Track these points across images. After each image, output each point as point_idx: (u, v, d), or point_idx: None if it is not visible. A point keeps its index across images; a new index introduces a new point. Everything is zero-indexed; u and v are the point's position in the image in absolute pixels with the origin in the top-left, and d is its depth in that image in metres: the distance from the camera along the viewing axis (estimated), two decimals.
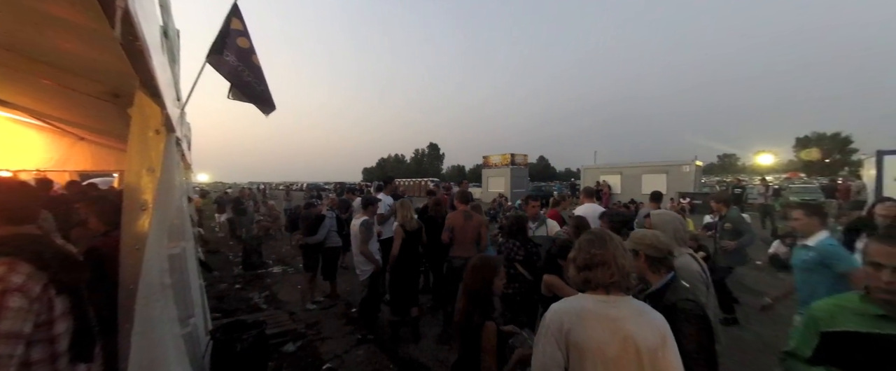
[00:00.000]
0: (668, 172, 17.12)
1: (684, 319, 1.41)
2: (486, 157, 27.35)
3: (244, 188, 16.20)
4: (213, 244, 9.13)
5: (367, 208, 3.88)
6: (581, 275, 1.31)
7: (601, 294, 1.26)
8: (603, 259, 1.26)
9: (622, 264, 1.26)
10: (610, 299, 1.24)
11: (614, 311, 1.21)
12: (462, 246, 3.66)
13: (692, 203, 12.56)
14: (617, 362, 1.16)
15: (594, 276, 1.27)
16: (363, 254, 3.67)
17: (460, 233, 3.66)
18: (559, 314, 1.25)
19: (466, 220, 3.66)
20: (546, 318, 1.27)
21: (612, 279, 1.24)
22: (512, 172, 24.30)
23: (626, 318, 1.20)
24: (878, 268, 1.22)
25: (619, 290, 1.26)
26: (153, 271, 1.50)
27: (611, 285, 1.25)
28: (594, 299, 1.25)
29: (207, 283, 5.60)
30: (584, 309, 1.23)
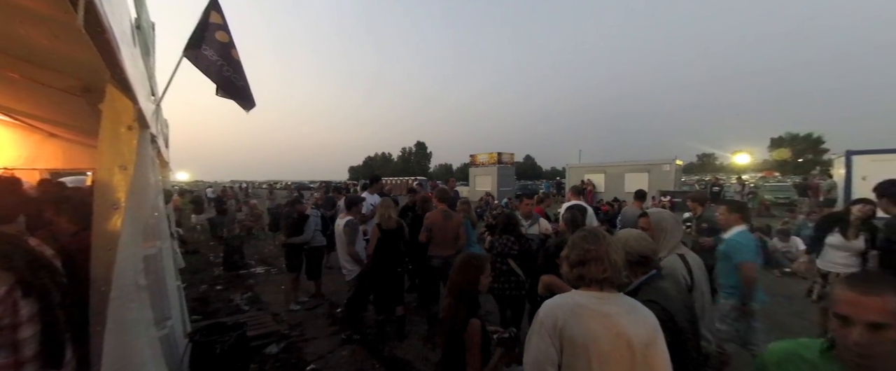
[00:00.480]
0: (649, 171, 17.54)
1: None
2: (474, 155, 27.45)
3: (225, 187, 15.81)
4: (193, 244, 8.89)
5: (351, 208, 3.84)
6: (574, 271, 1.32)
7: (595, 290, 1.28)
8: (596, 255, 1.28)
9: (615, 260, 1.28)
10: (603, 296, 1.26)
11: (607, 308, 1.23)
12: (441, 245, 3.67)
13: (672, 201, 12.90)
14: (610, 357, 1.18)
15: (588, 272, 1.29)
16: (350, 255, 3.63)
17: (439, 232, 3.66)
18: (553, 310, 1.26)
19: (446, 219, 3.67)
20: (540, 314, 1.28)
21: (605, 275, 1.26)
22: (499, 171, 24.46)
23: (619, 314, 1.22)
24: (845, 323, 0.92)
25: (611, 287, 1.28)
26: (127, 272, 1.45)
27: (604, 281, 1.27)
28: (588, 296, 1.27)
29: (187, 284, 5.45)
30: (579, 305, 1.25)
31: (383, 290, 3.62)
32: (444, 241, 3.66)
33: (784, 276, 5.79)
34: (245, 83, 2.55)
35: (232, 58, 2.45)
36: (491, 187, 23.02)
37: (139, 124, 1.50)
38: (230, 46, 2.44)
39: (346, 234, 3.62)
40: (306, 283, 4.96)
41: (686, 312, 1.53)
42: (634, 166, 18.47)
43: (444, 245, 3.67)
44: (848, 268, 3.10)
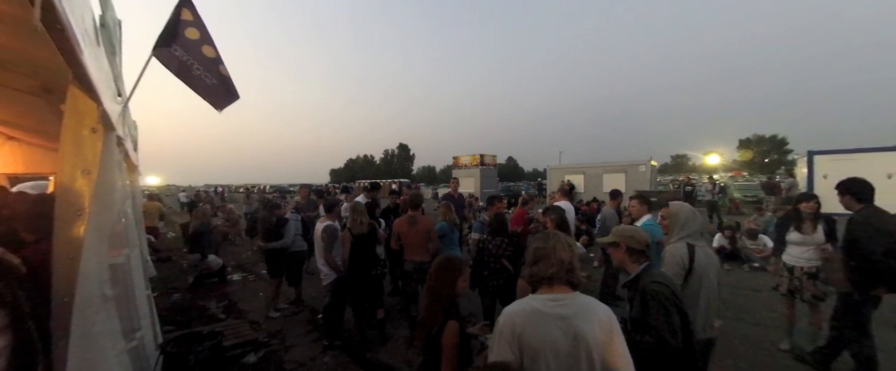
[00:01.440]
0: (626, 172, 18.03)
1: (651, 298, 1.58)
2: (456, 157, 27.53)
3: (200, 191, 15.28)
4: (166, 251, 8.53)
5: (331, 211, 3.77)
6: (529, 271, 1.37)
7: (546, 290, 1.31)
8: (544, 253, 1.33)
9: (561, 258, 1.31)
10: (558, 297, 1.28)
11: (563, 310, 1.25)
12: (412, 250, 3.69)
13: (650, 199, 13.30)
14: (568, 360, 1.20)
15: (538, 270, 1.33)
16: (326, 260, 3.56)
17: (407, 238, 3.69)
18: (512, 317, 1.28)
19: (411, 225, 3.68)
20: (499, 322, 1.30)
21: (551, 271, 1.30)
22: (481, 173, 24.59)
23: (575, 315, 1.24)
24: None
25: (562, 284, 1.31)
26: (91, 282, 1.38)
27: (552, 277, 1.30)
28: (544, 300, 1.29)
29: (158, 292, 5.22)
30: (535, 310, 1.26)
31: (360, 295, 3.59)
32: (415, 246, 3.68)
33: (752, 271, 6.09)
34: (219, 80, 2.47)
35: (204, 56, 2.37)
36: (474, 189, 23.11)
37: (104, 126, 1.43)
38: (202, 43, 2.36)
39: (323, 239, 3.56)
40: (286, 289, 4.84)
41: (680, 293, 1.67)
42: (612, 167, 18.96)
43: (414, 250, 3.68)
44: (810, 261, 3.27)
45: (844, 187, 2.86)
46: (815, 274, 3.27)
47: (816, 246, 3.24)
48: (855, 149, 12.49)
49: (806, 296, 3.30)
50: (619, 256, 1.81)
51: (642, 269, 1.73)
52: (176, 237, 10.39)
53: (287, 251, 4.66)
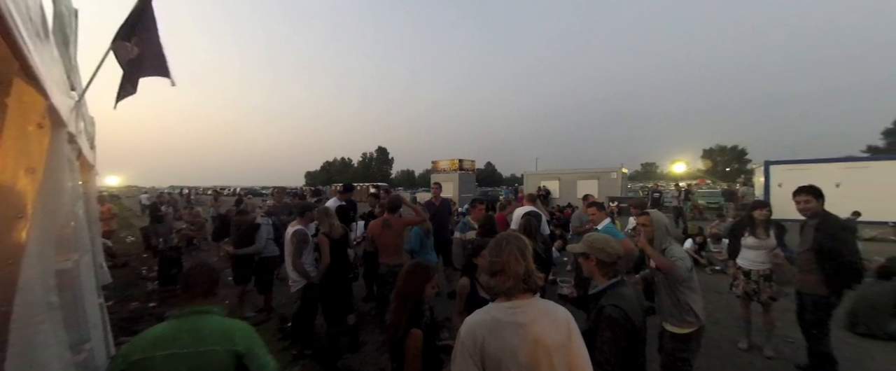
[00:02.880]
0: (599, 178, 18.68)
1: (605, 323, 1.56)
2: (435, 162, 27.51)
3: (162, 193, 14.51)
4: (123, 256, 8.02)
5: (304, 215, 3.66)
6: (487, 281, 1.36)
7: (506, 300, 1.30)
8: (500, 267, 1.30)
9: (516, 271, 1.28)
10: (517, 304, 1.27)
11: (522, 317, 1.25)
12: (387, 253, 3.67)
13: (619, 206, 13.79)
14: (529, 366, 1.20)
15: (496, 284, 1.31)
16: (294, 267, 3.44)
17: (380, 240, 3.67)
18: (473, 328, 1.26)
19: (384, 228, 3.66)
20: (461, 334, 1.28)
21: (508, 285, 1.28)
22: (460, 177, 24.69)
23: (534, 321, 1.24)
24: None
25: (522, 293, 1.29)
26: (34, 289, 1.28)
27: (510, 290, 1.29)
28: (503, 308, 1.28)
29: (113, 301, 4.90)
30: (496, 320, 1.26)
31: (332, 301, 3.50)
32: (388, 249, 3.65)
33: (714, 273, 6.43)
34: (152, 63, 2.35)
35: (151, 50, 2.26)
36: (452, 193, 23.17)
37: (51, 122, 1.33)
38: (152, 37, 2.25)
39: (292, 244, 3.43)
40: (255, 296, 4.65)
41: (641, 314, 1.65)
42: (585, 173, 19.58)
43: (388, 253, 3.65)
44: (763, 264, 3.49)
45: (816, 191, 2.95)
46: (769, 276, 3.48)
47: (769, 250, 3.46)
48: (808, 159, 13.58)
49: (762, 297, 3.49)
50: (589, 267, 1.78)
51: (610, 284, 1.70)
52: (135, 241, 9.80)
53: (257, 257, 4.49)
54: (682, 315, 2.39)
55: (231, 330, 1.47)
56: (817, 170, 12.33)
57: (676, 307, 2.41)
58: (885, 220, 9.85)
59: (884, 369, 3.27)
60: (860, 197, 9.80)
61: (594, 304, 1.71)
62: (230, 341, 1.42)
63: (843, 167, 12.44)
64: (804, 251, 2.99)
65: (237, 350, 1.42)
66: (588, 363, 1.26)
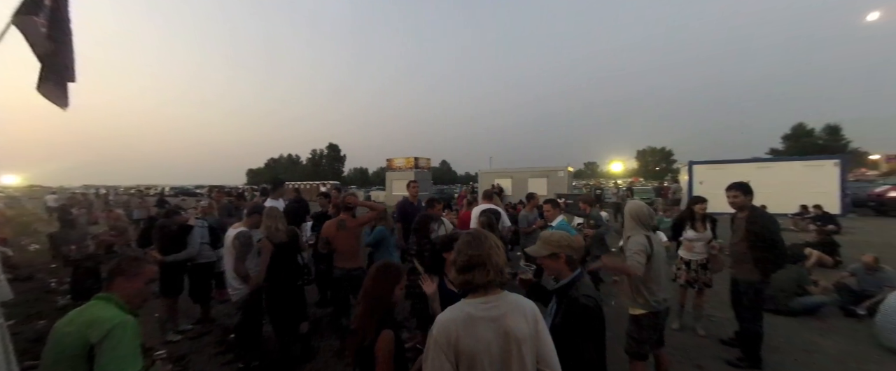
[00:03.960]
0: (548, 177, 19.70)
1: (581, 313, 1.60)
2: (390, 159, 27.12)
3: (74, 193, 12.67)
4: (26, 268, 6.87)
5: (250, 217, 3.37)
6: (461, 277, 1.35)
7: (480, 295, 1.31)
8: (480, 260, 1.31)
9: (496, 262, 1.32)
10: (489, 299, 1.30)
11: (494, 311, 1.27)
12: (343, 256, 3.50)
13: (566, 202, 14.62)
14: (501, 359, 1.23)
15: (474, 278, 1.31)
16: (237, 272, 3.15)
17: (336, 243, 3.49)
18: (446, 325, 1.26)
19: (340, 229, 3.50)
20: (433, 331, 1.27)
21: (489, 278, 1.30)
22: (416, 175, 24.54)
23: (506, 314, 1.27)
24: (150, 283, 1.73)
25: (496, 288, 1.33)
26: None
27: (488, 284, 1.31)
28: (476, 304, 1.29)
29: (16, 320, 4.17)
30: (470, 316, 1.26)
31: (281, 309, 3.26)
32: (345, 251, 3.48)
33: None
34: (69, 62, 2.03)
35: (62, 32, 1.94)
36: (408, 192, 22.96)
37: None
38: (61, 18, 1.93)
39: (235, 248, 3.15)
40: (191, 306, 4.21)
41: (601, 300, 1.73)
42: (536, 172, 20.55)
43: (344, 256, 3.49)
44: (701, 254, 3.87)
45: (746, 187, 3.21)
46: (705, 264, 3.87)
47: (705, 242, 3.85)
48: (724, 160, 15.60)
49: (700, 284, 3.87)
50: (558, 266, 1.75)
51: (575, 276, 1.74)
52: (41, 250, 8.44)
53: (191, 263, 4.06)
54: (635, 296, 2.57)
55: (96, 320, 1.41)
56: (731, 169, 14.12)
57: (632, 289, 2.59)
58: (784, 213, 11.45)
59: (789, 339, 3.81)
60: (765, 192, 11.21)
61: (561, 296, 1.73)
62: (87, 329, 1.38)
63: (753, 167, 14.52)
64: (738, 242, 3.23)
65: (89, 340, 1.36)
66: (553, 352, 1.31)
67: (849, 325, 4.17)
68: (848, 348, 3.63)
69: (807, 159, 16.34)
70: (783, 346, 3.65)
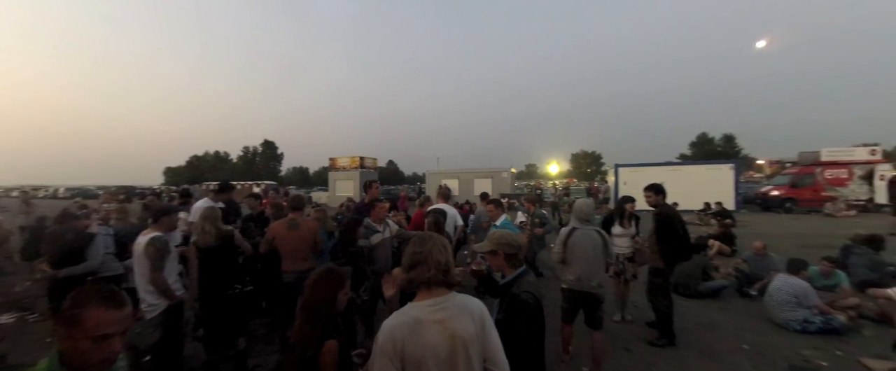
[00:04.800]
0: (492, 177, 20.53)
1: (520, 309, 1.68)
2: (334, 159, 25.95)
3: None
4: None
5: (160, 220, 2.92)
6: (406, 276, 1.35)
7: (424, 295, 1.30)
8: (421, 257, 1.31)
9: (438, 260, 1.31)
10: (436, 301, 1.28)
11: (441, 313, 1.26)
12: (291, 259, 3.28)
13: (509, 202, 15.28)
14: (448, 361, 1.22)
15: (415, 275, 1.31)
16: (154, 284, 2.75)
17: (283, 244, 3.26)
18: (392, 331, 1.23)
19: (291, 229, 3.27)
20: (379, 338, 1.24)
21: (429, 274, 1.29)
22: (361, 176, 23.85)
23: (452, 316, 1.27)
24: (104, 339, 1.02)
25: (440, 287, 1.32)
26: None
27: (429, 281, 1.30)
28: (422, 307, 1.28)
29: None
30: (416, 319, 1.25)
31: (215, 322, 2.95)
32: (294, 254, 3.26)
33: None
34: None
35: None
36: (353, 192, 22.22)
37: None
38: None
39: (149, 256, 2.72)
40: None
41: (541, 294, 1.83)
42: (481, 173, 21.25)
43: (294, 259, 3.27)
44: (625, 249, 4.26)
45: (659, 188, 3.73)
46: (631, 257, 4.26)
47: (631, 237, 4.25)
48: (644, 163, 17.65)
49: (628, 275, 4.26)
50: (499, 263, 1.86)
51: (518, 273, 1.83)
52: None
53: (92, 277, 3.47)
54: (562, 273, 3.24)
55: None
56: (650, 171, 16.03)
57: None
58: (691, 209, 13.15)
59: (697, 319, 4.37)
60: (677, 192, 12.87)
61: (504, 293, 1.82)
62: None
63: (666, 169, 16.74)
64: (650, 235, 3.80)
65: None
66: (500, 349, 1.34)
67: (743, 304, 4.91)
68: (742, 323, 4.27)
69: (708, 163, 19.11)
70: (692, 325, 4.18)
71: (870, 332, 3.94)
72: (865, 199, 14.93)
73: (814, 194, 15.69)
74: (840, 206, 14.45)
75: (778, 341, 3.78)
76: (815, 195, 15.64)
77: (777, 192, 16.82)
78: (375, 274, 3.48)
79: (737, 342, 3.78)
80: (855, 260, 5.35)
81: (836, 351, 3.53)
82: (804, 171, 16.45)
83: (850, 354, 3.41)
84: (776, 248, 6.34)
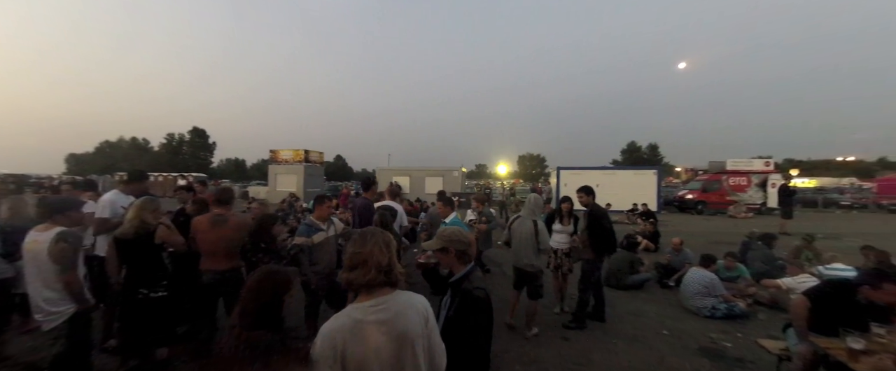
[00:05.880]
0: (443, 176, 20.72)
1: (473, 305, 1.69)
2: (275, 151, 24.25)
3: None
4: None
5: (65, 214, 2.49)
6: (345, 276, 1.29)
7: (365, 296, 1.25)
8: (361, 259, 1.25)
9: (379, 261, 1.25)
10: (379, 301, 1.24)
11: (383, 314, 1.22)
12: (213, 258, 3.01)
13: (460, 200, 15.53)
14: (393, 362, 1.18)
15: (355, 278, 1.25)
16: (69, 287, 2.36)
17: (205, 241, 2.99)
18: (331, 335, 1.17)
19: (214, 225, 3.00)
20: (317, 344, 1.17)
21: (367, 278, 1.24)
22: (306, 170, 22.63)
23: (397, 315, 1.23)
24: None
25: (382, 287, 1.26)
26: None
27: (368, 284, 1.24)
28: (363, 307, 1.23)
29: None
30: (357, 321, 1.19)
31: (132, 328, 2.59)
32: (217, 251, 2.99)
33: None
34: None
35: None
36: (296, 188, 21.00)
37: None
38: None
39: (54, 256, 2.30)
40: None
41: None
42: (432, 171, 21.38)
43: (218, 257, 3.00)
44: (565, 244, 4.54)
45: (589, 189, 4.26)
46: (568, 253, 4.55)
47: (568, 234, 4.53)
48: (582, 166, 19.01)
49: (564, 269, 4.56)
50: (449, 260, 1.85)
51: (468, 270, 1.83)
52: None
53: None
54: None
55: None
56: (588, 174, 17.28)
57: None
58: (622, 210, 14.42)
59: (625, 309, 4.79)
60: (610, 194, 14.10)
61: (455, 290, 1.81)
62: None
63: (601, 173, 18.26)
64: (583, 231, 4.29)
65: None
66: (442, 345, 1.34)
67: (664, 294, 5.49)
68: (663, 311, 4.78)
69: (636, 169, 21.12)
70: (620, 313, 4.62)
71: (764, 317, 4.62)
72: (760, 203, 17.65)
73: (720, 198, 18.23)
74: (740, 209, 16.88)
75: (691, 326, 4.29)
76: (721, 199, 18.17)
77: (691, 195, 19.26)
78: (318, 275, 3.31)
79: (659, 328, 4.22)
80: (751, 255, 6.25)
81: (738, 333, 4.09)
82: (713, 178, 19.06)
83: (748, 336, 3.96)
84: (690, 244, 7.16)
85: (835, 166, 59.00)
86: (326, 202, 3.89)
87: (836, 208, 21.03)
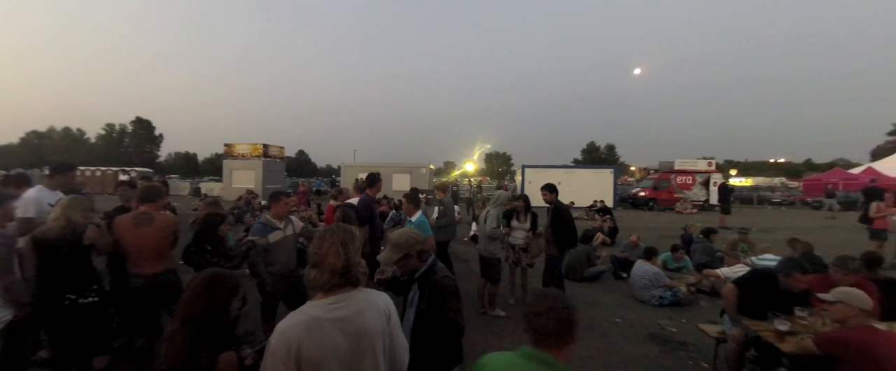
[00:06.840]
0: (411, 173, 20.54)
1: (446, 292, 1.75)
2: (230, 145, 22.82)
3: None
4: None
5: None
6: (308, 274, 1.26)
7: (325, 295, 1.23)
8: (318, 259, 1.23)
9: (333, 264, 1.21)
10: (339, 299, 1.21)
11: (342, 312, 1.19)
12: (141, 260, 2.77)
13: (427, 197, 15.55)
14: (351, 360, 1.17)
15: (313, 278, 1.23)
16: (6, 290, 2.10)
17: (130, 243, 2.75)
18: (286, 333, 1.13)
19: (139, 225, 2.76)
20: (271, 342, 1.13)
21: (323, 279, 1.21)
22: (265, 166, 21.54)
23: (357, 313, 1.21)
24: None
25: (341, 287, 1.23)
26: None
27: (326, 284, 1.22)
28: (322, 305, 1.20)
29: None
30: (314, 319, 1.16)
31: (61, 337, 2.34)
32: (145, 253, 2.76)
33: None
34: None
35: None
36: (255, 184, 19.97)
37: None
38: None
39: None
40: None
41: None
42: (400, 168, 21.10)
43: (145, 260, 2.76)
44: (522, 240, 4.68)
45: (552, 187, 4.45)
46: (525, 249, 4.70)
47: (526, 231, 4.68)
48: (545, 165, 19.74)
49: (523, 264, 4.70)
50: (412, 263, 1.83)
51: (430, 263, 1.85)
52: None
53: None
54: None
55: None
56: (550, 173, 17.95)
57: None
58: (581, 206, 15.11)
59: (583, 299, 5.03)
60: (571, 192, 14.75)
61: (423, 283, 1.83)
62: None
63: (563, 171, 19.02)
64: (546, 227, 4.45)
65: None
66: (404, 342, 1.35)
67: (618, 285, 5.82)
68: (617, 300, 5.08)
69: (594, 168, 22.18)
70: (579, 304, 4.70)
71: (705, 303, 5.03)
72: (703, 200, 19.18)
73: (669, 196, 19.62)
74: (686, 206, 18.24)
75: (642, 315, 4.58)
76: (669, 196, 19.56)
77: (643, 193, 20.56)
78: (274, 276, 3.16)
79: (613, 317, 4.47)
80: (694, 247, 6.79)
81: (682, 319, 4.42)
82: (663, 177, 20.47)
83: (691, 321, 4.29)
84: (643, 238, 7.65)
85: (768, 167, 65.60)
86: (283, 199, 3.62)
87: (769, 205, 23.18)
